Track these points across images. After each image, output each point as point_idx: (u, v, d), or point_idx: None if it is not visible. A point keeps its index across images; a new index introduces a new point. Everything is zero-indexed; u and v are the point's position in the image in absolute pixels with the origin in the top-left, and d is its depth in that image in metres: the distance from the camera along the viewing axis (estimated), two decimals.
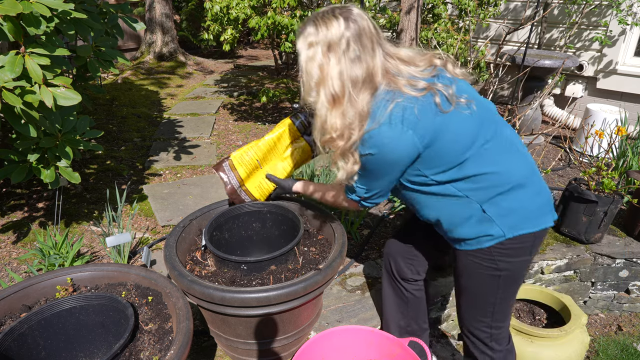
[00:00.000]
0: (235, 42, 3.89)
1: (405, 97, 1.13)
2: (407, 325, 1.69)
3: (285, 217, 1.77)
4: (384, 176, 1.24)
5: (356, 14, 1.15)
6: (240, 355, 1.64)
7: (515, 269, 1.28)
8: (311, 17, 1.19)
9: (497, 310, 1.34)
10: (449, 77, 1.22)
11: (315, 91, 1.18)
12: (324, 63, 1.15)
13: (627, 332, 2.36)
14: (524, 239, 1.23)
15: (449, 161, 1.17)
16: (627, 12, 3.86)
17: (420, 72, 1.19)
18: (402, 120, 1.11)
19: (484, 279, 1.29)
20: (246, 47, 9.15)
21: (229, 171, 1.75)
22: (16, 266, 2.21)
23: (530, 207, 1.23)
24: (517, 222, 1.21)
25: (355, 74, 1.13)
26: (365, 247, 2.39)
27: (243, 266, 1.52)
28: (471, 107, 1.17)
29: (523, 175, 1.22)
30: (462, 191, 1.21)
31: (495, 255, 1.24)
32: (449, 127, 1.14)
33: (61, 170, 2.11)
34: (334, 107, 1.16)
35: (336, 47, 1.13)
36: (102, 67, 2.36)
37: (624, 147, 3.00)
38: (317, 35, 1.14)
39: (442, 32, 3.63)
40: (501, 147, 1.21)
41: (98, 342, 1.37)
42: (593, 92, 4.36)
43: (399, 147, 1.14)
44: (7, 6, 1.59)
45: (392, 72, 1.17)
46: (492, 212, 1.20)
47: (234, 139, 4.07)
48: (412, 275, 1.60)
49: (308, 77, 1.18)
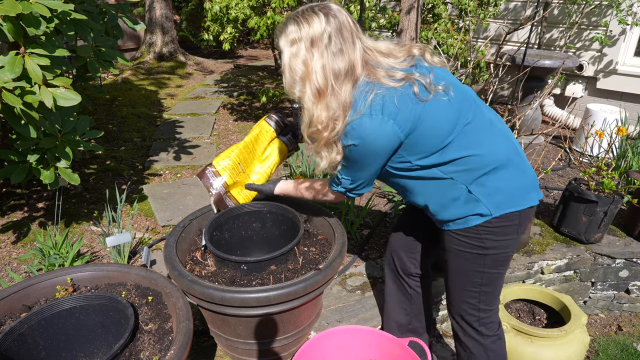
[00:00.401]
0: (235, 42, 3.89)
1: (384, 87, 1.16)
2: (409, 323, 1.69)
3: (285, 217, 1.77)
4: (368, 166, 1.26)
5: (335, 9, 1.20)
6: (240, 355, 1.64)
7: (502, 248, 1.30)
8: (291, 15, 1.22)
9: (484, 291, 1.36)
10: (426, 66, 1.25)
11: (300, 85, 1.22)
12: (307, 58, 1.18)
13: (627, 332, 2.36)
14: (511, 217, 1.26)
15: (431, 147, 1.20)
16: (627, 12, 3.86)
17: (399, 63, 1.22)
18: (382, 111, 1.14)
19: (471, 258, 1.32)
20: (246, 47, 9.15)
21: (212, 178, 1.74)
22: (16, 266, 2.21)
23: (516, 185, 1.26)
24: (503, 200, 1.24)
25: (338, 67, 1.17)
26: (365, 247, 2.39)
27: (243, 266, 1.52)
28: (449, 93, 1.20)
29: (506, 155, 1.25)
30: (447, 174, 1.24)
31: (482, 233, 1.27)
32: (429, 115, 1.17)
33: (60, 171, 2.11)
34: (319, 100, 1.20)
35: (319, 42, 1.16)
36: (102, 67, 2.36)
37: (624, 147, 3.00)
38: (299, 32, 1.18)
39: (442, 32, 3.63)
40: (482, 128, 1.24)
41: (98, 342, 1.37)
42: (593, 92, 4.36)
43: (380, 136, 1.17)
44: (7, 6, 1.59)
45: (372, 64, 1.21)
46: (478, 192, 1.24)
47: (234, 139, 4.07)
48: (416, 270, 1.62)
49: (292, 73, 1.21)
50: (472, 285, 1.36)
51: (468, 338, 1.44)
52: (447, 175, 1.24)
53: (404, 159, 1.24)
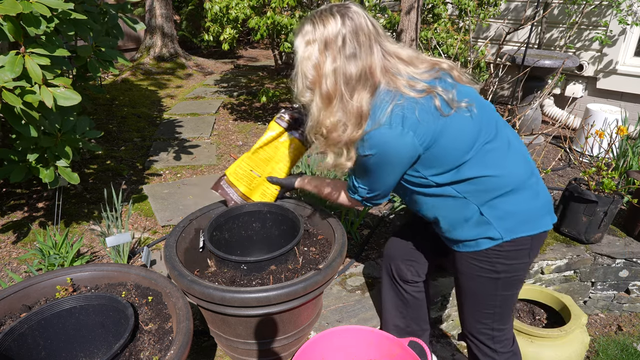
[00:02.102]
0: (235, 42, 3.89)
1: (405, 98, 1.12)
2: (407, 326, 1.69)
3: (285, 217, 1.77)
4: (385, 177, 1.24)
5: (353, 11, 1.15)
6: (240, 355, 1.64)
7: (514, 272, 1.27)
8: (309, 15, 1.19)
9: (498, 312, 1.34)
10: (450, 82, 1.21)
11: (310, 90, 1.19)
12: (320, 61, 1.15)
13: (627, 332, 2.36)
14: (522, 242, 1.23)
15: (449, 163, 1.17)
16: (627, 11, 3.86)
17: (420, 74, 1.18)
18: (403, 122, 1.11)
19: (483, 281, 1.29)
20: (246, 47, 9.15)
21: (228, 188, 1.76)
22: (16, 266, 2.21)
23: (528, 209, 1.23)
24: (515, 225, 1.21)
25: (350, 72, 1.13)
26: (365, 247, 2.39)
27: (243, 266, 1.52)
28: (472, 110, 1.17)
29: (522, 178, 1.22)
30: (461, 193, 1.21)
31: (493, 257, 1.24)
32: (449, 130, 1.14)
33: (60, 170, 2.10)
34: (328, 105, 1.17)
35: (332, 44, 1.13)
36: (102, 67, 2.36)
37: (624, 147, 3.00)
38: (314, 33, 1.15)
39: (442, 32, 3.63)
40: (501, 148, 1.21)
41: (98, 342, 1.37)
42: (593, 92, 4.36)
43: (399, 148, 1.14)
44: (7, 6, 1.59)
45: (392, 72, 1.16)
46: (489, 215, 1.21)
47: (234, 139, 4.07)
48: (412, 277, 1.60)
49: (303, 75, 1.19)
50: (486, 307, 1.34)
51: (482, 355, 1.42)
52: (461, 194, 1.21)
53: (419, 174, 1.21)
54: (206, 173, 3.35)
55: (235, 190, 1.77)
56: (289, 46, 3.61)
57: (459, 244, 1.29)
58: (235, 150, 3.83)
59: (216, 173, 3.35)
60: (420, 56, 1.24)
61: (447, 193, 1.22)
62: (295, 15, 3.57)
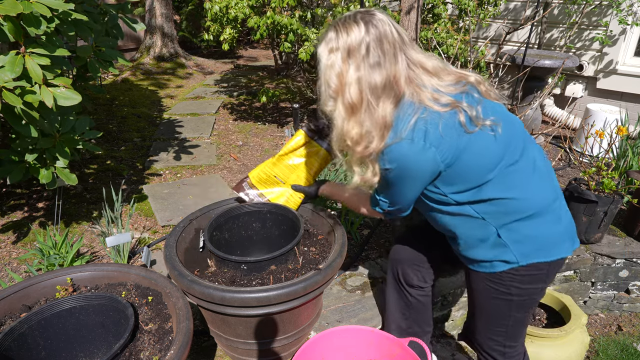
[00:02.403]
0: (235, 42, 3.89)
1: (429, 111, 1.09)
2: (409, 327, 1.67)
3: (285, 217, 1.77)
4: (405, 192, 1.21)
5: (378, 18, 1.11)
6: (240, 355, 1.64)
7: (528, 295, 1.25)
8: (333, 22, 1.15)
9: (510, 331, 1.33)
10: (476, 97, 1.16)
11: (333, 99, 1.15)
12: (343, 70, 1.11)
13: (627, 332, 2.36)
14: (539, 267, 1.20)
15: (470, 182, 1.14)
16: (627, 11, 3.86)
17: (445, 87, 1.14)
18: (425, 136, 1.08)
19: (496, 302, 1.27)
20: (246, 47, 9.15)
21: (249, 189, 1.76)
22: (16, 266, 2.21)
23: (548, 235, 1.19)
24: (532, 250, 1.18)
25: (375, 81, 1.09)
26: (365, 247, 2.39)
27: (243, 266, 1.52)
28: (496, 130, 1.13)
29: (545, 202, 1.19)
30: (480, 213, 1.18)
31: (507, 280, 1.22)
32: (472, 148, 1.10)
33: (58, 171, 2.10)
34: (351, 115, 1.13)
35: (356, 52, 1.09)
36: (102, 67, 2.36)
37: (624, 147, 2.99)
38: (337, 41, 1.11)
39: (442, 32, 3.63)
40: (525, 171, 1.17)
41: (98, 342, 1.37)
42: (593, 92, 4.36)
43: (420, 163, 1.11)
44: (8, 6, 1.59)
45: (416, 82, 1.13)
46: (507, 238, 1.18)
47: (234, 139, 4.07)
48: (419, 282, 1.58)
49: (326, 84, 1.15)
50: (498, 325, 1.33)
51: None
52: (480, 215, 1.18)
53: (439, 191, 1.18)
54: (206, 173, 3.36)
55: (257, 192, 1.77)
56: (289, 46, 3.61)
57: (473, 263, 1.27)
58: (235, 150, 3.83)
59: (216, 173, 3.35)
60: (446, 68, 1.20)
61: (465, 212, 1.19)
62: (295, 15, 3.57)
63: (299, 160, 1.74)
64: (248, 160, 3.63)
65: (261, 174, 1.77)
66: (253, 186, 1.77)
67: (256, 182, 1.78)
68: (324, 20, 3.81)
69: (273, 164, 1.76)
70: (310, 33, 3.56)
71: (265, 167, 1.77)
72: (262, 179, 1.77)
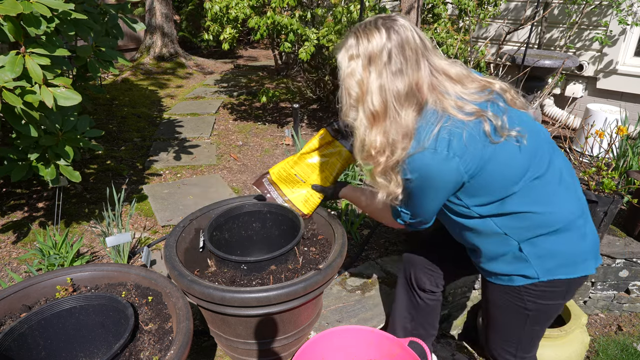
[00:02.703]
0: (235, 42, 3.89)
1: (452, 119, 1.05)
2: (414, 329, 1.66)
3: (285, 217, 1.77)
4: (427, 203, 1.17)
5: (400, 24, 1.08)
6: (240, 355, 1.64)
7: (545, 311, 1.24)
8: (353, 28, 1.12)
9: (524, 343, 1.32)
10: (502, 106, 1.12)
11: (355, 109, 1.12)
12: (364, 78, 1.08)
13: (627, 332, 2.35)
14: (559, 284, 1.17)
15: (493, 194, 1.11)
16: (627, 12, 3.86)
17: (469, 95, 1.11)
18: (449, 146, 1.04)
19: (512, 315, 1.26)
20: (246, 47, 9.15)
21: (269, 186, 1.75)
22: (16, 266, 2.21)
23: (572, 252, 1.16)
24: (554, 266, 1.15)
25: (397, 88, 1.06)
26: (365, 247, 2.39)
27: (243, 266, 1.52)
28: (521, 141, 1.09)
29: (571, 217, 1.15)
30: (502, 228, 1.15)
31: (525, 295, 1.20)
32: (497, 159, 1.07)
33: (62, 168, 2.11)
34: (374, 125, 1.09)
35: (377, 59, 1.06)
36: (102, 67, 2.36)
37: (624, 147, 2.99)
38: (357, 47, 1.08)
39: (442, 32, 3.63)
40: (551, 184, 1.14)
41: (98, 342, 1.37)
42: (593, 92, 4.36)
43: (443, 174, 1.07)
44: (8, 6, 1.59)
45: (439, 90, 1.09)
46: (528, 252, 1.15)
47: (234, 139, 4.07)
48: (430, 287, 1.56)
49: (347, 93, 1.11)
50: (511, 336, 1.32)
51: None
52: (502, 229, 1.15)
53: (462, 203, 1.15)
54: (206, 173, 3.36)
55: (276, 189, 1.74)
56: (289, 46, 3.61)
57: (492, 276, 1.25)
58: (235, 150, 3.83)
59: (216, 173, 3.35)
60: (470, 75, 1.16)
61: (487, 226, 1.16)
62: (295, 15, 3.57)
63: (321, 160, 1.70)
64: (248, 160, 3.63)
65: (281, 172, 1.74)
66: (273, 183, 1.75)
67: (276, 178, 1.75)
68: (324, 20, 3.81)
69: (294, 162, 1.73)
70: (310, 33, 3.56)
71: (286, 165, 1.74)
72: (282, 177, 1.74)
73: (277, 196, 1.75)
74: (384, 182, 1.16)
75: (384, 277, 2.12)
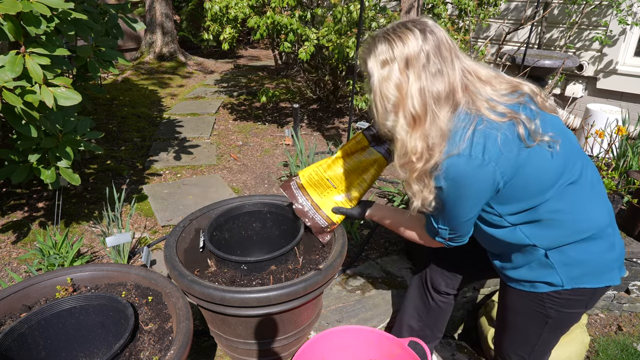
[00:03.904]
0: (235, 42, 3.89)
1: (486, 121, 1.03)
2: (421, 329, 1.64)
3: (285, 217, 1.77)
4: (463, 213, 1.13)
5: (432, 25, 1.06)
6: (240, 355, 1.64)
7: (565, 319, 1.22)
8: (379, 33, 1.08)
9: (538, 349, 1.30)
10: (533, 109, 1.09)
11: (394, 114, 1.07)
12: (402, 81, 1.04)
13: (627, 332, 2.35)
14: (583, 293, 1.16)
15: (528, 200, 1.08)
16: (627, 12, 3.86)
17: (500, 96, 1.08)
18: (484, 151, 1.01)
19: (531, 321, 1.25)
20: (246, 47, 9.16)
21: (297, 190, 1.62)
22: (16, 266, 2.21)
23: (599, 261, 1.14)
24: (580, 275, 1.13)
25: (438, 90, 1.03)
26: (365, 247, 2.39)
27: (243, 266, 1.52)
28: (554, 147, 1.06)
29: (601, 226, 1.13)
30: (531, 237, 1.13)
31: (547, 302, 1.18)
32: (531, 164, 1.04)
33: (61, 171, 2.11)
34: (414, 129, 1.06)
35: (415, 62, 1.03)
36: (102, 67, 2.36)
37: (624, 147, 2.99)
38: (391, 52, 1.04)
39: None
40: (584, 190, 1.11)
41: (98, 342, 1.37)
42: (593, 92, 4.36)
43: (478, 180, 1.04)
44: (7, 5, 1.59)
45: (471, 89, 1.07)
46: (555, 259, 1.13)
47: (234, 139, 4.07)
48: (446, 289, 1.54)
49: (383, 99, 1.07)
50: (526, 342, 1.30)
51: None
52: (531, 240, 1.12)
53: (494, 211, 1.12)
54: (206, 173, 3.35)
55: (304, 194, 1.61)
56: (288, 46, 3.61)
57: (513, 281, 1.23)
58: (235, 150, 3.83)
59: (216, 173, 3.35)
60: (499, 76, 1.14)
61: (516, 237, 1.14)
62: (295, 15, 3.57)
63: (356, 166, 1.58)
64: (248, 160, 3.63)
65: (313, 175, 1.61)
66: (301, 187, 1.61)
67: (306, 182, 1.61)
68: (323, 20, 3.81)
69: (328, 165, 1.60)
70: (310, 33, 3.56)
71: (319, 168, 1.61)
72: (314, 181, 1.61)
73: (305, 201, 1.61)
74: (418, 188, 1.12)
75: (384, 277, 2.12)
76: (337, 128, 4.38)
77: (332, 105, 4.99)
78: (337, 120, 4.60)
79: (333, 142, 3.93)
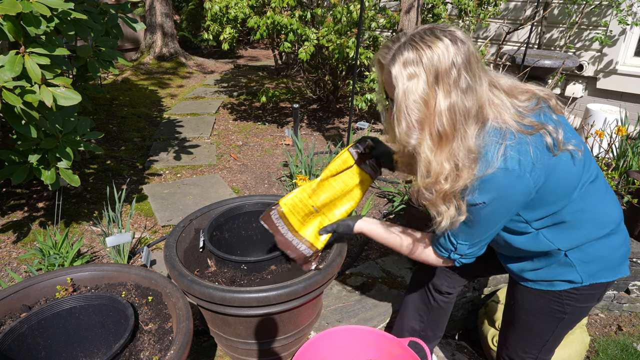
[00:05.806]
0: (235, 42, 3.89)
1: (517, 135, 1.01)
2: (422, 330, 1.64)
3: None
4: (494, 225, 1.10)
5: (460, 34, 0.99)
6: (240, 355, 1.64)
7: (579, 313, 1.23)
8: (407, 39, 0.99)
9: (548, 346, 1.30)
10: (554, 118, 1.08)
11: (419, 130, 1.00)
12: (430, 96, 0.96)
13: (627, 332, 2.35)
14: (598, 287, 1.18)
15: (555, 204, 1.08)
16: (627, 12, 3.86)
17: (524, 108, 1.06)
18: (519, 163, 0.99)
19: (546, 318, 1.24)
20: (246, 47, 9.16)
21: (278, 220, 1.50)
22: (16, 266, 2.21)
23: (615, 256, 1.16)
24: (598, 270, 1.15)
25: (467, 107, 0.97)
26: (365, 247, 2.39)
27: (243, 266, 1.52)
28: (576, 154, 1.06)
29: (617, 220, 1.16)
30: (554, 241, 1.12)
31: (565, 299, 1.19)
32: (558, 168, 1.04)
33: (61, 171, 2.11)
34: (439, 147, 0.99)
35: (444, 75, 0.95)
36: (102, 67, 2.36)
37: (624, 147, 2.99)
38: (419, 61, 0.96)
39: None
40: (601, 188, 1.14)
41: (98, 342, 1.37)
42: (593, 92, 4.36)
43: (515, 193, 1.02)
44: (7, 6, 1.59)
45: (496, 103, 1.03)
46: (574, 258, 1.14)
47: (234, 139, 4.07)
48: (448, 289, 1.54)
49: (409, 114, 0.99)
50: (537, 340, 1.30)
51: None
52: (554, 243, 1.12)
53: (520, 219, 1.10)
54: (206, 173, 3.36)
55: (285, 224, 1.50)
56: (288, 46, 3.61)
57: (528, 281, 1.22)
58: (235, 150, 3.83)
59: (216, 173, 3.35)
60: (517, 85, 1.10)
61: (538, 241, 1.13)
62: (295, 15, 3.57)
63: (341, 189, 1.50)
64: (248, 160, 3.63)
65: (297, 203, 1.50)
66: (283, 215, 1.50)
67: (288, 210, 1.50)
68: (323, 20, 3.81)
69: (313, 190, 1.50)
70: (310, 33, 3.56)
71: (303, 195, 1.51)
72: (297, 208, 1.50)
73: (287, 232, 1.50)
74: (445, 209, 1.06)
75: (384, 277, 2.12)
76: (337, 128, 4.38)
77: (332, 105, 4.99)
78: (337, 120, 4.60)
79: (333, 142, 3.93)
